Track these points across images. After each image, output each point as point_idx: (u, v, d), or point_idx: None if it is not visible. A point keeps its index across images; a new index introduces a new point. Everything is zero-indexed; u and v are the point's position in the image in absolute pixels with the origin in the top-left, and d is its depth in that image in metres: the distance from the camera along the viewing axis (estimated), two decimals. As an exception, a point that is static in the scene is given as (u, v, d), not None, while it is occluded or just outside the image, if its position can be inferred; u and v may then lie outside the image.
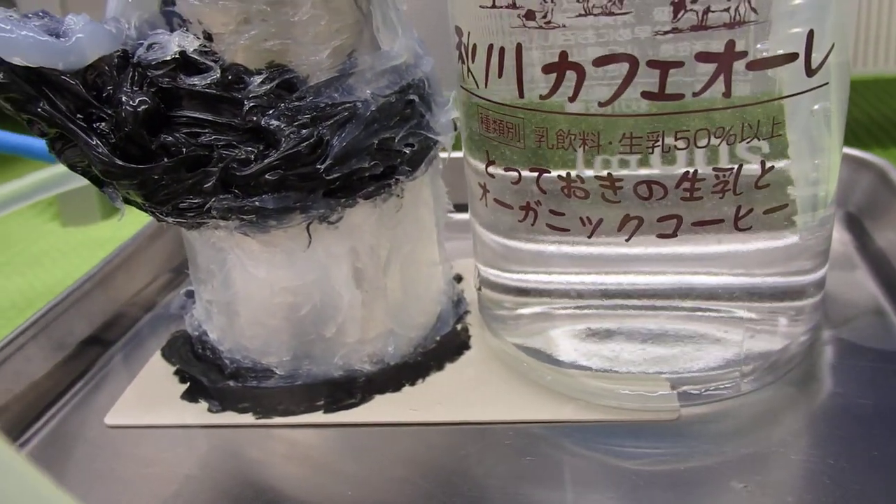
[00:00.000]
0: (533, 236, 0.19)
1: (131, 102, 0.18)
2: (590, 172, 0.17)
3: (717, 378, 0.20)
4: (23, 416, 0.22)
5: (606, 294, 0.19)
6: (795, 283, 0.20)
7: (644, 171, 0.16)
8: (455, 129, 0.22)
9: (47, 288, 0.35)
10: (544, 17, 0.16)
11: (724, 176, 0.16)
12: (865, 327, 0.22)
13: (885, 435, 0.18)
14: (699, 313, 0.19)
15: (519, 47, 0.17)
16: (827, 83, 0.17)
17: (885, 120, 0.44)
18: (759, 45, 0.15)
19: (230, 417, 0.21)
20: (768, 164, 0.17)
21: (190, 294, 0.24)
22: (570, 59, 0.16)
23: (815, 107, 0.18)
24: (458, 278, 0.26)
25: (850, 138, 0.42)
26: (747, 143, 0.16)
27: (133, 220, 0.26)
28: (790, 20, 0.16)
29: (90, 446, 0.20)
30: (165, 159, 0.18)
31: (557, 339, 0.21)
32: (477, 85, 0.18)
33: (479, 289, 0.23)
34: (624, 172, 0.17)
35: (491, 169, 0.19)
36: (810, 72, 0.16)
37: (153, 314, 0.27)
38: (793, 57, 0.16)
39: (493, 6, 0.17)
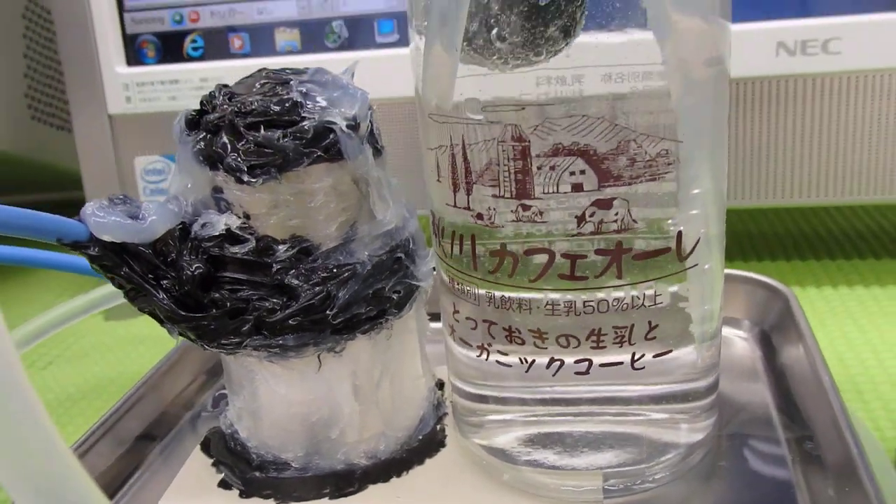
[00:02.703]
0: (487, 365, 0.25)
1: (189, 268, 0.25)
2: (525, 326, 0.23)
3: (636, 473, 0.25)
4: None
5: (548, 402, 0.25)
6: (691, 389, 0.25)
7: (565, 328, 0.23)
8: (434, 270, 0.28)
9: (97, 380, 0.41)
10: (489, 219, 0.22)
11: (621, 332, 0.23)
12: (756, 430, 0.28)
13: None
14: (619, 417, 0.25)
15: (473, 236, 0.23)
16: (696, 265, 0.23)
17: (787, 236, 0.51)
18: (639, 244, 0.22)
19: (256, 502, 0.27)
20: (654, 323, 0.23)
21: (222, 396, 0.30)
22: (507, 249, 0.22)
23: (706, 266, 0.24)
24: (440, 384, 0.32)
25: (751, 254, 0.49)
26: (636, 309, 0.22)
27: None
28: (663, 226, 0.22)
29: (147, 525, 0.26)
30: (214, 310, 0.25)
31: (512, 441, 0.26)
32: (446, 255, 0.25)
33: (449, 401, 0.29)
34: (549, 327, 0.23)
35: (456, 315, 0.25)
36: (681, 258, 0.22)
37: (192, 412, 0.33)
38: (666, 250, 0.22)
39: (455, 206, 0.23)
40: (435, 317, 0.29)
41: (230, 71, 0.45)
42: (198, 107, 0.26)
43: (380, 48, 0.45)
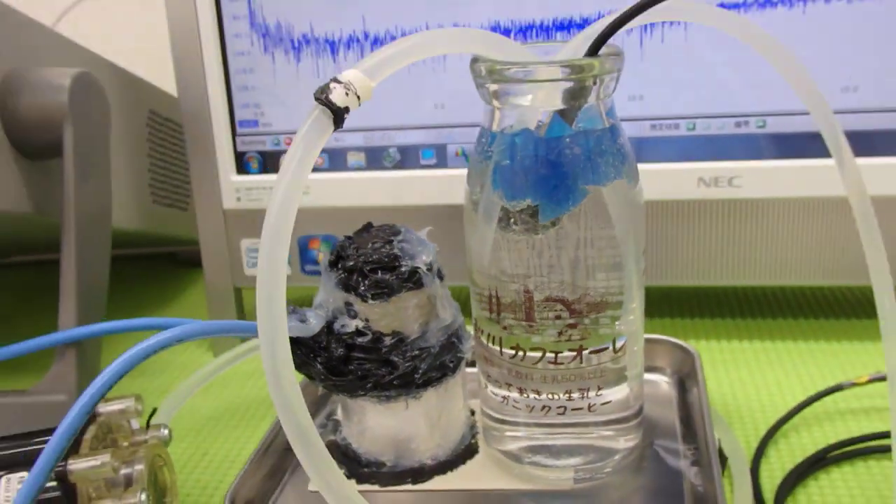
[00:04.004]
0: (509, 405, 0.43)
1: (335, 352, 0.43)
2: (528, 387, 0.41)
3: (594, 469, 0.44)
4: (265, 489, 0.45)
5: (541, 426, 0.43)
6: (624, 416, 0.44)
7: (551, 389, 0.41)
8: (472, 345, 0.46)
9: (219, 412, 0.59)
10: (510, 330, 0.40)
11: (583, 391, 0.41)
12: (666, 440, 0.46)
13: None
14: (583, 435, 0.43)
15: (500, 338, 0.41)
16: (626, 353, 0.41)
17: (707, 304, 0.69)
18: (593, 345, 0.40)
19: (366, 487, 0.45)
20: (601, 386, 0.41)
21: (332, 420, 0.48)
22: (520, 346, 0.41)
23: (634, 348, 0.42)
24: (473, 412, 0.50)
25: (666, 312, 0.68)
26: (590, 379, 0.41)
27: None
28: (608, 333, 0.40)
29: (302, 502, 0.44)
30: (350, 376, 0.43)
31: (519, 449, 0.44)
32: (483, 345, 0.43)
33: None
34: (542, 388, 0.41)
35: (488, 379, 0.43)
36: (615, 353, 0.41)
37: (313, 430, 0.51)
38: (605, 349, 0.40)
39: (489, 321, 0.41)
40: (471, 364, 0.47)
41: (315, 182, 0.64)
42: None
43: (423, 168, 0.63)
